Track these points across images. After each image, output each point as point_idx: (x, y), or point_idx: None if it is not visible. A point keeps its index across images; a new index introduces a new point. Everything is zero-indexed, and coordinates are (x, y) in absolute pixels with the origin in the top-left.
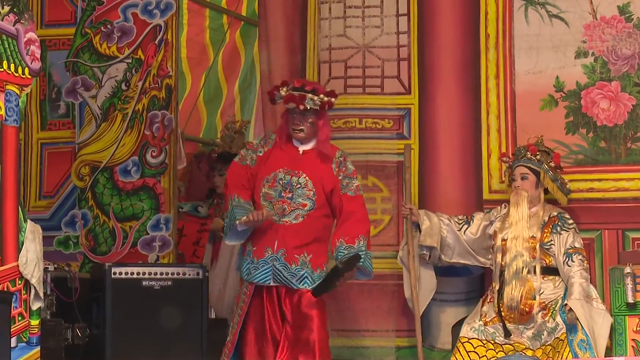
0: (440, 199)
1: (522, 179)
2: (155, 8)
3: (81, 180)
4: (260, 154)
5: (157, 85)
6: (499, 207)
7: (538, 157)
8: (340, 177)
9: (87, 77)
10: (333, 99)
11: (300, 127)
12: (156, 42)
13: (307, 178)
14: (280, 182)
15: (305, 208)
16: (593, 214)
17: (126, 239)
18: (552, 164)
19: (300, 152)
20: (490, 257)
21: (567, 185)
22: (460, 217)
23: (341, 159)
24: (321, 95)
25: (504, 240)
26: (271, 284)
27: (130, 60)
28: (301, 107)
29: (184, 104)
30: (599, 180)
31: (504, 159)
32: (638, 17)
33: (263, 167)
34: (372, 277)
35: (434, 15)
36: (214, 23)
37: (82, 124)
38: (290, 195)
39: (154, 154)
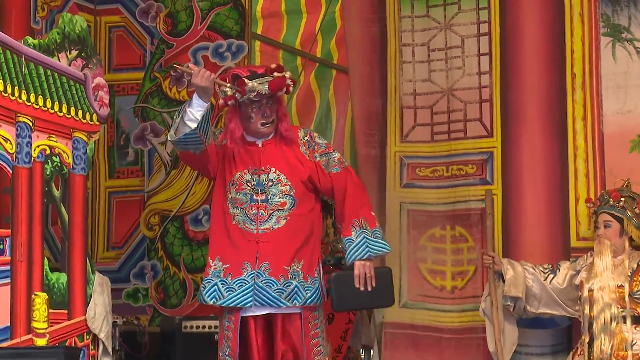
0: (524, 247)
1: (605, 227)
2: (227, 50)
3: (150, 230)
4: (218, 146)
5: None
6: (585, 256)
7: (622, 203)
8: (317, 159)
9: (156, 122)
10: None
11: (272, 118)
12: None
13: (278, 172)
14: (249, 184)
15: (286, 207)
16: None
17: (197, 291)
18: (638, 211)
19: (260, 146)
20: (577, 308)
21: None
22: (545, 266)
23: (307, 137)
24: (275, 74)
25: (590, 290)
26: (253, 306)
27: None
28: (268, 93)
29: None
30: None
31: (589, 204)
32: None
33: (221, 164)
34: (390, 250)
35: (517, 54)
36: (287, 65)
37: (151, 172)
38: (264, 197)
39: None
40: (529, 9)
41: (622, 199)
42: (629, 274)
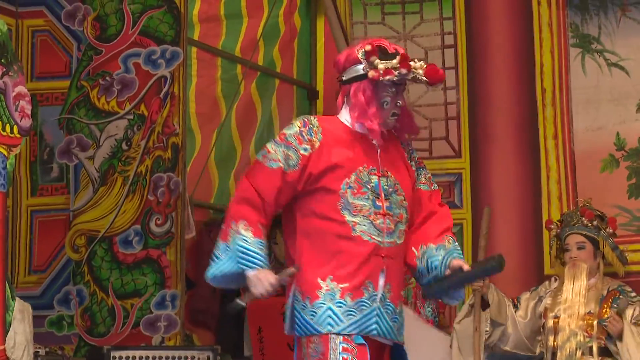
0: (497, 274)
1: (579, 248)
2: (160, 57)
3: (76, 252)
4: (306, 153)
5: (162, 144)
6: (548, 282)
7: (595, 222)
8: (413, 167)
9: (83, 135)
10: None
11: (402, 107)
12: (161, 95)
13: (394, 178)
14: (369, 186)
15: (403, 220)
16: None
17: (127, 318)
18: (610, 230)
19: (375, 142)
20: (540, 338)
21: (625, 254)
22: (507, 300)
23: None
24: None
25: (556, 317)
26: (377, 335)
27: (131, 117)
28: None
29: (192, 165)
30: None
31: (551, 226)
32: None
33: (325, 168)
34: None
35: (486, 67)
36: (226, 74)
37: (77, 189)
38: (388, 204)
39: (158, 222)
40: (497, 19)
41: (595, 218)
42: (600, 299)
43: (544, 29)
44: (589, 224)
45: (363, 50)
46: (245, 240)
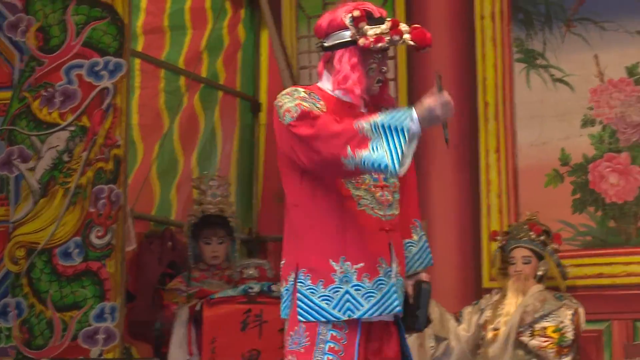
0: (434, 288)
1: (525, 262)
2: (103, 69)
3: (15, 264)
4: (324, 109)
5: (103, 156)
6: (489, 295)
7: (542, 237)
8: None
9: (24, 147)
10: None
11: (387, 74)
12: (103, 107)
13: None
14: None
15: (397, 189)
16: (602, 302)
17: (65, 330)
18: (555, 246)
19: (365, 111)
20: (480, 351)
21: (567, 269)
22: (448, 315)
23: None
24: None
25: (495, 329)
26: (400, 311)
27: (73, 128)
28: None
29: (134, 178)
30: (609, 264)
31: (497, 237)
32: None
33: None
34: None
35: (425, 80)
36: (169, 85)
37: (17, 200)
38: (384, 175)
39: (99, 234)
40: (438, 32)
41: (542, 233)
42: (538, 315)
43: (487, 44)
44: (536, 239)
45: (350, 15)
46: (377, 119)
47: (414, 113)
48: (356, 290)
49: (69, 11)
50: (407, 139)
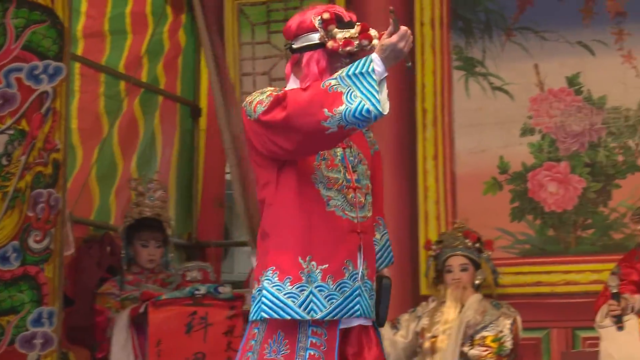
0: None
1: (462, 270)
2: (43, 72)
3: None
4: None
5: (42, 160)
6: (425, 302)
7: (477, 245)
8: (365, 132)
9: None
10: None
11: None
12: (42, 111)
13: (357, 147)
14: (337, 157)
15: (369, 191)
16: (541, 311)
17: (3, 335)
18: (490, 253)
19: None
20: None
21: (501, 276)
22: None
23: None
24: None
25: (434, 337)
26: (360, 315)
27: (12, 132)
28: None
29: (73, 182)
30: (547, 272)
31: (432, 246)
32: (588, 90)
33: None
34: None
35: None
36: (109, 90)
37: None
38: (356, 176)
39: (37, 239)
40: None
41: (478, 242)
42: (479, 327)
43: (426, 50)
44: (472, 246)
45: (320, 18)
46: (341, 73)
47: (375, 55)
48: (319, 291)
49: (8, 14)
50: (376, 80)
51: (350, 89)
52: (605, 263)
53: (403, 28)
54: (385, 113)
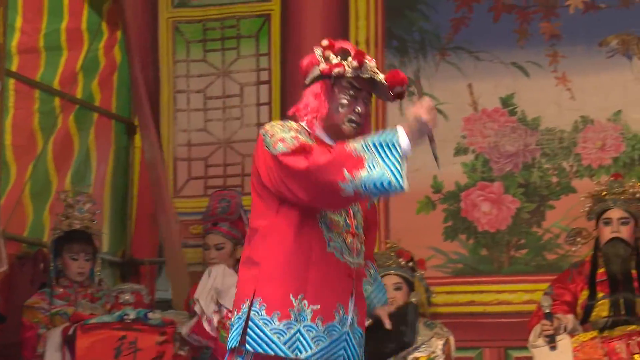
0: None
1: (396, 289)
2: None
3: None
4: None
5: None
6: None
7: (410, 264)
8: None
9: None
10: None
11: (362, 120)
12: None
13: None
14: None
15: (363, 241)
16: (473, 330)
17: None
18: (422, 272)
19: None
20: None
21: (434, 295)
22: None
23: None
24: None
25: None
26: None
27: None
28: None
29: (6, 198)
30: (480, 292)
31: None
32: (523, 111)
33: None
34: None
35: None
36: (44, 106)
37: None
38: (355, 223)
39: None
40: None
41: (411, 260)
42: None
43: None
44: (405, 265)
45: (320, 48)
46: (367, 139)
47: (400, 128)
48: (307, 330)
49: None
50: (400, 154)
51: (373, 157)
52: (538, 283)
53: (428, 100)
54: (406, 189)
